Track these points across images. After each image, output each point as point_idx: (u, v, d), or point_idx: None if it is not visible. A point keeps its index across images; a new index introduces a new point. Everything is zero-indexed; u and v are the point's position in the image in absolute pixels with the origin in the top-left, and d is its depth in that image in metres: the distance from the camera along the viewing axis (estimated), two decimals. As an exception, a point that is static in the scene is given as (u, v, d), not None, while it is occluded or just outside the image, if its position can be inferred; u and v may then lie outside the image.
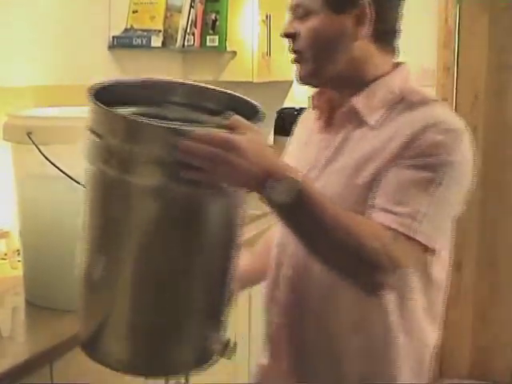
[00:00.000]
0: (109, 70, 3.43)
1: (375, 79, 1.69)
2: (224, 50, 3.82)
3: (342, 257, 1.47)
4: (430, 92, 3.90)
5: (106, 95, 1.46)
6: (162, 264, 1.47)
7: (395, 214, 1.50)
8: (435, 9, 4.11)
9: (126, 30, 3.46)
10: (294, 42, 1.70)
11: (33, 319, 2.10)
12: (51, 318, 2.01)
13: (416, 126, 1.56)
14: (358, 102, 1.66)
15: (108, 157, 1.40)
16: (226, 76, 3.95)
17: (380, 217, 1.51)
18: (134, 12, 3.48)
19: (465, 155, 1.59)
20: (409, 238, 1.49)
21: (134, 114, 1.50)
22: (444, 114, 1.65)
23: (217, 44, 3.79)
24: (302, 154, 1.82)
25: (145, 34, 3.39)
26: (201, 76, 4.04)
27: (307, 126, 1.88)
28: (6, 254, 2.50)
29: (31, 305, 2.15)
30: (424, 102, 1.65)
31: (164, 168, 1.36)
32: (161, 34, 3.42)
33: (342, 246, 1.45)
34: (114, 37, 3.39)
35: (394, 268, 1.48)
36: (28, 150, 1.97)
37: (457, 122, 1.64)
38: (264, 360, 1.88)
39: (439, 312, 1.77)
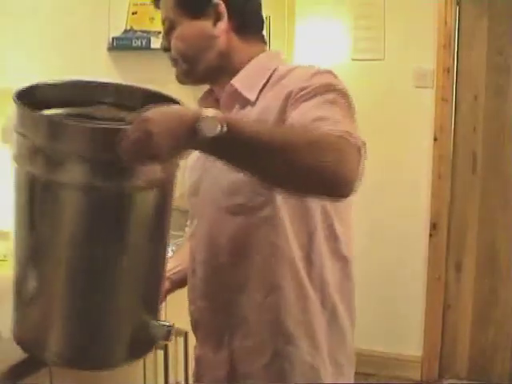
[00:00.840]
0: (108, 72, 3.43)
1: (247, 63, 1.85)
2: (224, 51, 3.82)
3: (305, 160, 1.45)
4: (430, 93, 3.88)
5: (34, 96, 1.55)
6: (95, 261, 1.49)
7: (316, 123, 1.55)
8: (434, 10, 4.11)
9: (126, 31, 3.46)
10: (169, 54, 1.90)
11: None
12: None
13: (285, 91, 1.69)
14: (237, 81, 1.82)
15: (34, 157, 1.45)
16: (226, 77, 3.95)
17: None
18: (133, 13, 3.48)
19: (340, 83, 1.77)
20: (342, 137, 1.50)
21: (60, 114, 1.54)
22: (311, 66, 1.81)
23: (216, 45, 3.80)
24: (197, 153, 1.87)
25: (144, 35, 3.39)
26: (200, 77, 4.05)
27: None
28: (5, 256, 2.49)
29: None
30: (291, 68, 1.81)
31: (88, 166, 1.41)
32: (160, 36, 3.42)
33: (295, 150, 1.45)
34: (113, 38, 3.39)
35: (352, 152, 1.50)
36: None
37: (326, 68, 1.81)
38: (197, 351, 1.96)
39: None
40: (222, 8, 1.80)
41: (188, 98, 4.17)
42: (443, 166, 4.24)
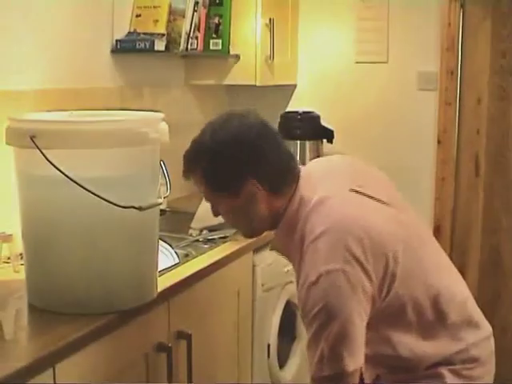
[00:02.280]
0: (112, 74, 3.43)
1: (285, 211, 2.05)
2: (227, 53, 3.82)
3: None
4: (433, 96, 3.83)
5: None
6: None
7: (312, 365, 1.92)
8: (438, 12, 4.10)
9: (130, 33, 3.46)
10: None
11: (35, 322, 2.10)
12: (54, 321, 2.01)
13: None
14: (280, 238, 2.10)
15: None
16: (230, 80, 3.96)
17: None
18: (137, 16, 3.48)
19: (328, 297, 1.86)
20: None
21: None
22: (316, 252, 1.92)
23: (220, 48, 3.80)
24: None
25: (148, 37, 3.38)
26: (204, 80, 4.04)
27: None
28: (8, 258, 2.50)
29: (34, 308, 2.15)
30: (306, 226, 1.96)
31: None
32: (164, 38, 3.42)
33: None
34: (117, 40, 3.39)
35: None
36: (30, 153, 1.97)
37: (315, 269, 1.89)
38: None
39: None
40: (254, 185, 1.99)
41: (192, 102, 4.20)
42: (446, 169, 4.23)
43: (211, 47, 3.80)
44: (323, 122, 4.16)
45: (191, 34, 3.56)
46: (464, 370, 2.07)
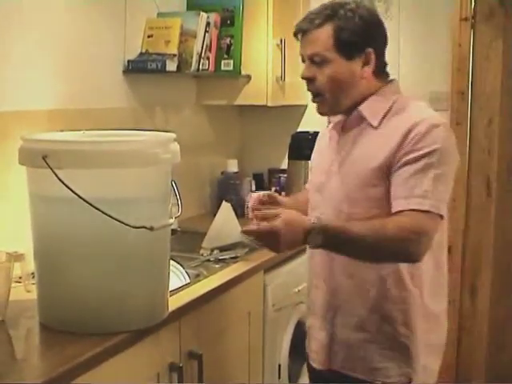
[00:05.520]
0: (123, 94, 3.45)
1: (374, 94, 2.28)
2: (238, 74, 3.83)
3: (381, 254, 2.11)
4: (444, 116, 3.88)
5: None
6: None
7: (410, 198, 2.09)
8: (449, 33, 4.11)
9: (141, 54, 3.47)
10: (310, 84, 2.27)
11: (47, 342, 2.11)
12: (65, 341, 2.01)
13: (404, 127, 2.14)
14: (364, 109, 2.26)
15: None
16: (241, 100, 3.97)
17: (399, 205, 2.10)
18: (149, 36, 3.50)
19: (445, 142, 2.14)
20: (424, 211, 2.08)
21: None
22: (421, 114, 2.19)
23: (231, 68, 3.81)
24: (322, 158, 2.44)
25: (160, 58, 3.40)
26: (215, 100, 4.06)
27: (323, 140, 2.50)
28: (20, 277, 2.50)
29: (45, 327, 2.16)
30: (405, 107, 2.24)
31: None
32: (176, 59, 3.44)
33: (374, 249, 2.07)
34: (128, 61, 3.41)
35: (421, 238, 2.07)
36: (43, 173, 1.98)
37: (434, 118, 2.18)
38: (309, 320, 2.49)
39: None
40: (372, 55, 2.22)
41: (203, 122, 4.20)
42: (458, 190, 4.22)
43: (222, 68, 3.81)
44: (334, 142, 4.16)
45: (203, 55, 3.58)
46: None
